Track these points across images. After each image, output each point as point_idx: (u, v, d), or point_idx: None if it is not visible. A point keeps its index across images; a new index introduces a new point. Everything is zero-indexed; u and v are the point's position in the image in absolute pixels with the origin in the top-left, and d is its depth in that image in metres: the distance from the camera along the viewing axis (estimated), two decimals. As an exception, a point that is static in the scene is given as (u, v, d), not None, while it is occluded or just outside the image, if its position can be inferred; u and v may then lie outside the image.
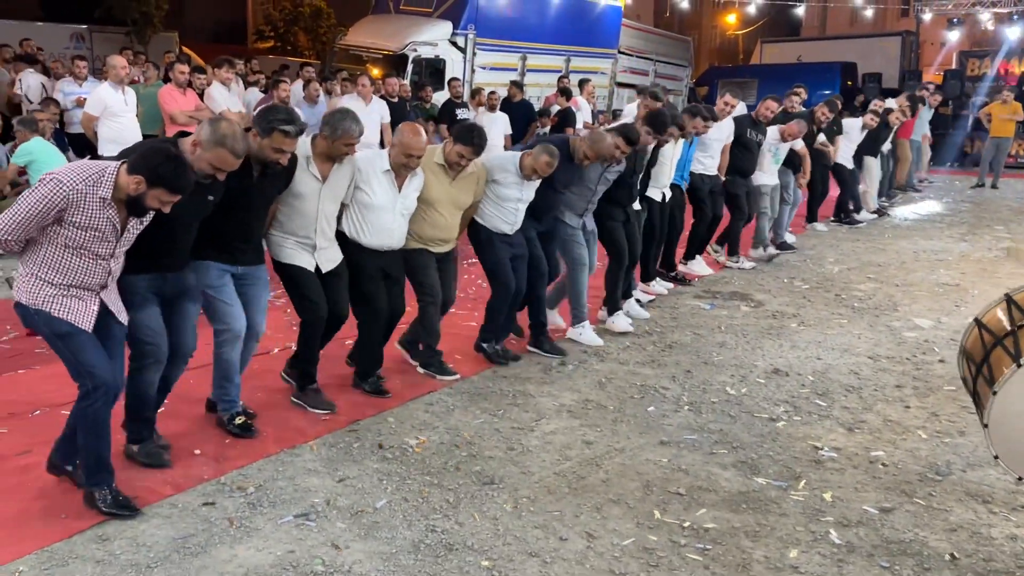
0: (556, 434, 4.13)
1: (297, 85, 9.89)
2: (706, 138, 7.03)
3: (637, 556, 3.06)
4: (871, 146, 10.59)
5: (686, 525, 3.29)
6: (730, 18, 39.08)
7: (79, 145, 8.55)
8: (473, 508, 3.37)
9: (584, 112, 11.98)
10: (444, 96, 12.14)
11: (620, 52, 19.06)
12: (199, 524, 3.17)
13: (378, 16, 16.15)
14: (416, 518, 3.28)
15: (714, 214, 7.51)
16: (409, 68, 13.90)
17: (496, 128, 10.25)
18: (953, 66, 21.12)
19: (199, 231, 3.56)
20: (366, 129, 4.30)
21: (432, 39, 14.64)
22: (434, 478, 3.62)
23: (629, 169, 5.61)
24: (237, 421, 3.99)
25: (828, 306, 6.73)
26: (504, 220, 4.94)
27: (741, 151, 7.60)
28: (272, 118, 3.63)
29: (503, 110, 11.05)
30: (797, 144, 8.17)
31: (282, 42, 31.23)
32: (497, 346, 5.19)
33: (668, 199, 6.68)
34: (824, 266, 8.22)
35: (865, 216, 10.78)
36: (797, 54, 24.17)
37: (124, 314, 3.26)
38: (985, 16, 20.78)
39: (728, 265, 7.93)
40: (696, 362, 5.26)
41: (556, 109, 11.69)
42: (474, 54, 15.23)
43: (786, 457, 3.95)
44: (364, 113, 7.74)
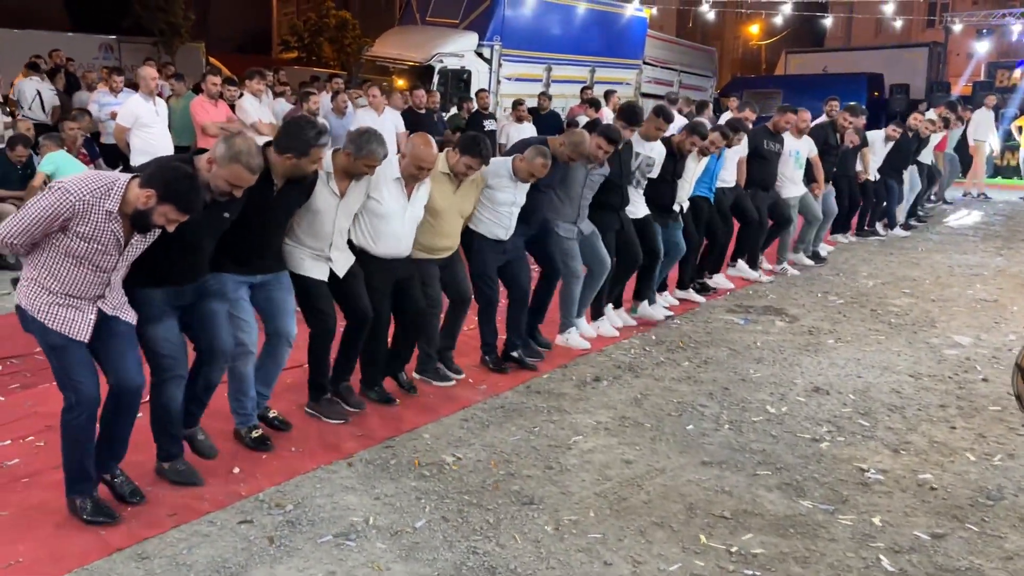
0: (594, 452, 4.06)
1: (325, 97, 9.91)
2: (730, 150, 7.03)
3: (684, 582, 2.99)
4: (900, 159, 10.42)
5: (733, 550, 3.21)
6: (753, 28, 38.94)
7: (112, 156, 8.62)
8: (514, 529, 3.31)
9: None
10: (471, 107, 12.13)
11: (645, 63, 19.02)
12: (238, 543, 3.12)
13: (405, 27, 16.22)
14: (456, 539, 3.22)
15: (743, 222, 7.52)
16: (435, 79, 13.92)
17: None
18: (982, 77, 20.87)
19: (219, 244, 3.54)
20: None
21: (458, 50, 14.68)
22: (473, 497, 3.56)
23: (616, 171, 5.58)
24: (254, 435, 3.96)
25: (864, 322, 6.61)
26: (499, 224, 4.95)
27: (760, 163, 7.54)
28: (307, 137, 3.61)
29: (530, 121, 11.05)
30: (811, 150, 8.11)
31: (307, 53, 31.45)
32: (513, 353, 5.23)
33: (687, 211, 6.69)
34: (858, 280, 8.09)
35: (897, 232, 10.70)
36: (822, 65, 23.95)
37: (128, 312, 3.22)
38: (1017, 28, 20.52)
39: (759, 278, 7.84)
40: (733, 379, 5.17)
41: (584, 120, 11.64)
42: (499, 65, 15.25)
43: (832, 479, 3.85)
44: (376, 123, 7.70)
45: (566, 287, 5.58)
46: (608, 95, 12.98)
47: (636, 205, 5.99)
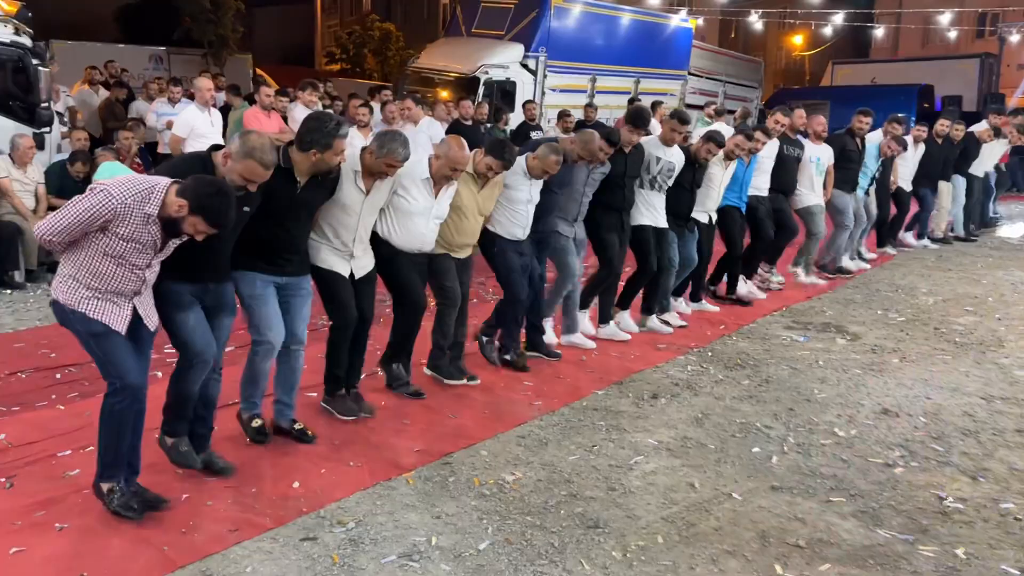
0: (657, 474, 3.94)
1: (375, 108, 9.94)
2: (760, 156, 6.95)
3: (762, 615, 2.86)
4: (932, 167, 10.16)
5: (811, 582, 3.07)
6: (796, 39, 38.44)
7: (165, 165, 8.71)
8: (580, 554, 3.21)
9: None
10: (518, 118, 12.11)
11: (690, 73, 18.84)
12: (302, 562, 3.07)
13: (450, 39, 16.27)
14: (522, 563, 3.13)
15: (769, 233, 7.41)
16: (480, 90, 13.91)
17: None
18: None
19: (246, 242, 3.64)
20: (416, 150, 4.40)
21: (504, 62, 14.66)
22: (536, 519, 3.47)
23: (620, 171, 5.63)
24: (254, 424, 4.05)
25: (928, 340, 6.40)
26: (516, 223, 5.09)
27: (778, 167, 7.39)
28: (328, 129, 3.69)
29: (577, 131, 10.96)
30: (829, 158, 7.94)
31: (351, 65, 31.78)
32: (505, 355, 5.35)
33: (715, 221, 6.70)
34: (917, 297, 7.86)
35: (926, 243, 10.50)
36: (870, 76, 23.55)
37: (153, 320, 3.31)
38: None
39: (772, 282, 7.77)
40: (797, 399, 5.01)
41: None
42: (544, 76, 15.19)
43: (909, 507, 3.69)
44: (411, 134, 7.67)
45: (559, 285, 5.70)
46: (655, 106, 12.85)
47: (658, 213, 6.04)
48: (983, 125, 10.82)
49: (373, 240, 4.41)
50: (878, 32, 27.24)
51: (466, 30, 15.81)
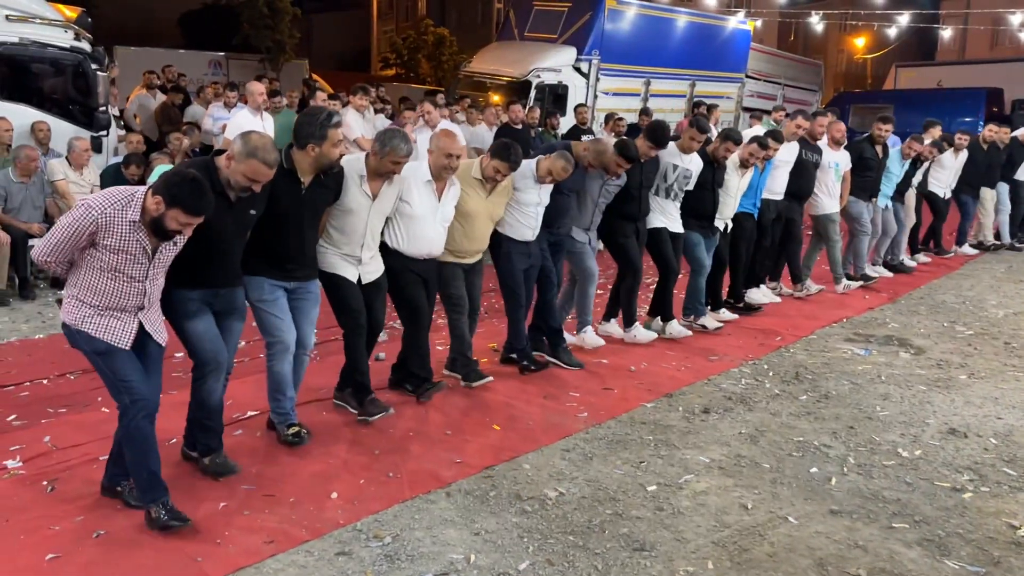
0: (708, 495, 3.76)
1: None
2: (776, 159, 6.76)
3: (819, 651, 2.68)
4: (974, 173, 9.74)
5: (873, 616, 2.88)
6: (858, 41, 37.50)
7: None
8: (625, 578, 3.06)
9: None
10: (569, 122, 11.97)
11: (747, 76, 18.46)
12: (336, 577, 2.98)
13: (503, 43, 16.22)
14: (563, 586, 3.00)
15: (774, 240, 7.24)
16: (532, 94, 13.81)
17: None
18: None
19: (254, 248, 3.67)
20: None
21: (556, 65, 14.55)
22: (579, 539, 3.33)
23: (636, 182, 5.65)
24: (291, 431, 4.01)
25: (998, 356, 6.07)
26: (526, 225, 5.11)
27: (796, 172, 7.12)
28: (319, 122, 3.70)
29: (631, 136, 10.76)
30: (847, 164, 7.66)
31: (405, 70, 32.01)
32: (512, 354, 5.36)
33: (731, 229, 6.60)
34: (986, 310, 7.49)
35: (966, 249, 10.09)
36: (936, 79, 22.77)
37: (162, 335, 3.30)
38: None
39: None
40: (858, 416, 4.77)
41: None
42: (597, 79, 15.03)
43: (979, 536, 3.45)
44: (425, 139, 7.59)
45: (582, 288, 5.75)
46: (710, 109, 12.58)
47: (674, 219, 6.04)
48: None
49: (382, 251, 4.41)
50: (944, 33, 26.39)
51: (519, 33, 15.75)
